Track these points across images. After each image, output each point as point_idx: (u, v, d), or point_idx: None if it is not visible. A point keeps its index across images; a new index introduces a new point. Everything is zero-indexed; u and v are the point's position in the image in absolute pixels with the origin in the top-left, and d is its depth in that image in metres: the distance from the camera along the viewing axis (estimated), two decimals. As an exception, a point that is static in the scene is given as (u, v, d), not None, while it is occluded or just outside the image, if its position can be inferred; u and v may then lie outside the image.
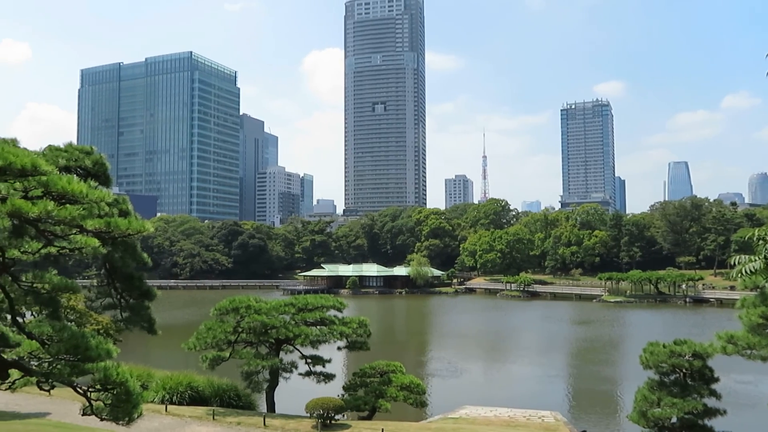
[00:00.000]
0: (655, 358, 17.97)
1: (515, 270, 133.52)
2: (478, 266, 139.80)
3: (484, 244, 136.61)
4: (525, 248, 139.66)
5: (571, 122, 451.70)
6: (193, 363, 27.09)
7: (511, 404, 26.88)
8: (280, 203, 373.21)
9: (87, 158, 19.84)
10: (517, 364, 48.50)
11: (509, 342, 61.49)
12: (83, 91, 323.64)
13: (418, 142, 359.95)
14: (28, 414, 20.90)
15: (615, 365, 47.55)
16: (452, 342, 59.53)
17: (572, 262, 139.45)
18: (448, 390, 37.26)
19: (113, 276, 21.90)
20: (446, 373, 42.59)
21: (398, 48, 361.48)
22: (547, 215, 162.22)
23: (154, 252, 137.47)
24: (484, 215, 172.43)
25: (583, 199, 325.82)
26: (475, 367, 46.38)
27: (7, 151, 8.59)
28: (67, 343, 10.12)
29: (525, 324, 76.83)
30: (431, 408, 28.88)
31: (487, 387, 39.25)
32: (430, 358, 50.58)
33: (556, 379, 42.23)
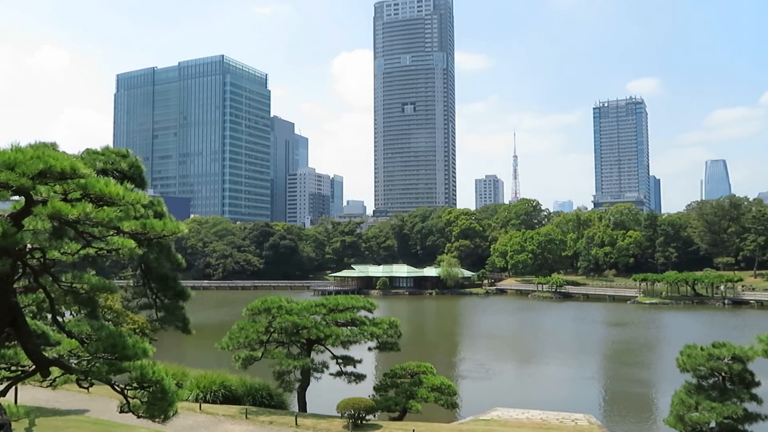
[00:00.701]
0: (693, 362, 17.55)
1: (547, 271, 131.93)
2: (509, 267, 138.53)
3: (515, 245, 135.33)
4: (557, 249, 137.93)
5: (604, 121, 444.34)
6: (226, 362, 27.47)
7: (543, 406, 26.57)
8: (311, 204, 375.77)
9: (123, 161, 20.30)
10: (550, 365, 47.90)
11: (541, 343, 60.77)
12: (119, 95, 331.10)
13: (448, 142, 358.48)
14: (68, 411, 21.44)
15: (650, 368, 46.59)
16: (483, 343, 59.13)
17: (605, 263, 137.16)
18: (479, 391, 37.00)
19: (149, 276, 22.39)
20: (477, 375, 42.31)
21: (427, 48, 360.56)
22: (580, 215, 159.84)
23: (188, 253, 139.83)
24: (515, 216, 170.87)
25: (616, 198, 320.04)
26: (507, 368, 45.97)
27: (47, 154, 8.82)
28: (105, 342, 10.36)
29: (557, 325, 75.84)
30: (462, 409, 28.70)
31: (518, 389, 38.86)
32: (461, 359, 50.31)
33: (589, 382, 41.59)
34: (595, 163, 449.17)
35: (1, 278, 9.53)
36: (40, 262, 10.23)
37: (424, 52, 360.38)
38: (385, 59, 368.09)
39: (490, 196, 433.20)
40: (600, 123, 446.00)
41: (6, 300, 9.73)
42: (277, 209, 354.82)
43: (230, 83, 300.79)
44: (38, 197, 9.11)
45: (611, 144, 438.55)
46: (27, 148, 9.17)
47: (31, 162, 8.60)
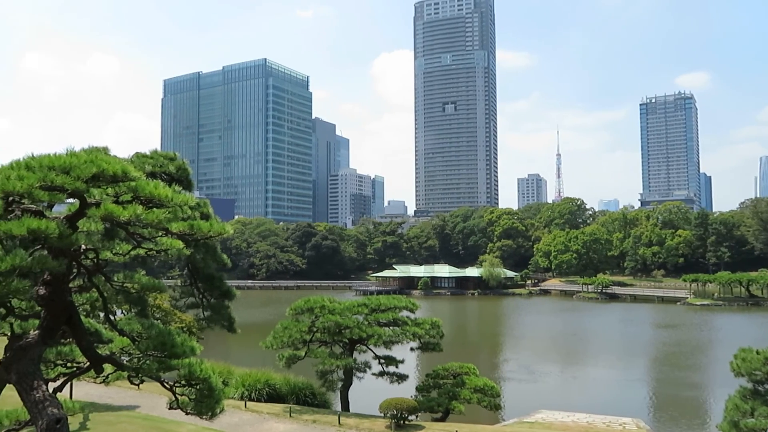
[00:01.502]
0: (748, 366, 16.89)
1: (592, 271, 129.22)
2: (553, 267, 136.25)
3: (559, 245, 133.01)
4: (602, 249, 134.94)
5: (651, 117, 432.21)
6: (270, 361, 27.88)
7: (589, 409, 26.02)
8: (352, 205, 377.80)
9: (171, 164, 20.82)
10: (596, 367, 46.90)
11: (587, 345, 59.55)
12: (166, 100, 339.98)
13: (490, 141, 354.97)
14: (119, 406, 22.13)
15: (703, 371, 45.07)
16: (527, 344, 58.32)
17: (654, 263, 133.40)
18: (523, 393, 36.51)
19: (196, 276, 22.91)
20: (521, 376, 41.75)
21: (468, 47, 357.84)
22: (626, 214, 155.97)
23: (232, 253, 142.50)
24: (559, 215, 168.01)
25: (664, 197, 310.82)
26: (551, 370, 45.18)
27: (100, 159, 9.12)
28: (154, 340, 10.64)
29: (603, 326, 74.17)
30: (506, 411, 28.39)
31: (563, 391, 38.15)
32: (504, 360, 49.75)
33: (637, 384, 40.53)
34: (642, 160, 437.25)
35: (58, 278, 9.90)
36: (94, 263, 10.59)
37: (464, 51, 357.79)
38: (425, 59, 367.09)
39: (533, 196, 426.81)
40: (647, 119, 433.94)
41: (62, 299, 10.11)
42: (319, 210, 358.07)
43: (273, 86, 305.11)
44: (91, 200, 9.43)
45: (659, 141, 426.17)
46: (81, 152, 9.51)
47: (85, 166, 8.90)
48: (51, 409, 9.26)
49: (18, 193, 8.67)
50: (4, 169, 9.05)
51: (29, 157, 9.30)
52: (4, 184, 8.49)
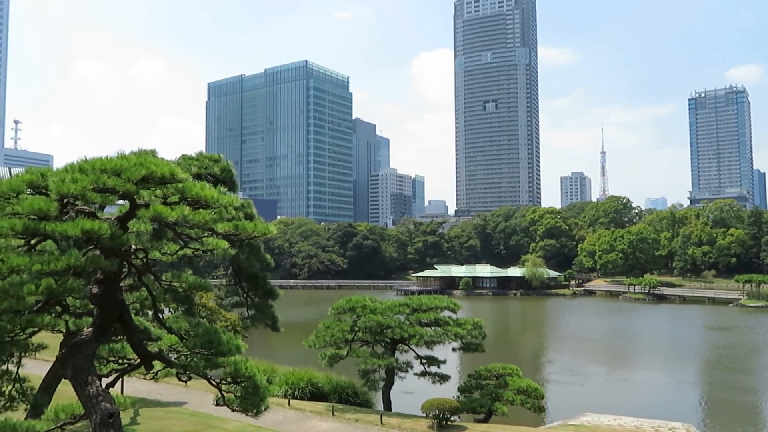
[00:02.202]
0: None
1: (639, 271, 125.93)
2: (598, 267, 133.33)
3: (604, 244, 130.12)
4: (650, 248, 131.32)
5: (700, 112, 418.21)
6: (312, 360, 28.16)
7: (637, 413, 25.36)
8: (393, 205, 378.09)
9: (215, 165, 21.26)
10: (644, 369, 45.68)
11: (634, 346, 58.08)
12: (210, 103, 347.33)
13: (532, 139, 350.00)
14: (168, 402, 22.70)
15: (757, 375, 43.40)
16: (571, 345, 57.25)
17: (704, 263, 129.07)
18: (568, 395, 35.85)
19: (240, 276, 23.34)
20: (565, 378, 41.01)
21: (509, 44, 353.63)
22: (675, 213, 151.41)
23: (275, 253, 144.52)
24: (604, 214, 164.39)
25: (715, 194, 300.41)
26: (597, 372, 44.24)
27: (148, 161, 9.38)
28: (201, 338, 10.88)
29: (651, 328, 72.19)
30: (550, 414, 27.94)
31: (610, 393, 37.31)
32: (548, 361, 48.96)
33: (688, 388, 39.32)
34: (691, 157, 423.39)
35: (110, 277, 10.23)
36: (143, 262, 10.90)
37: (505, 49, 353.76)
38: (465, 57, 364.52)
39: (577, 194, 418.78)
40: (696, 114, 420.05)
41: (114, 297, 10.44)
42: (360, 210, 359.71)
43: (313, 87, 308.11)
44: (141, 201, 9.71)
45: (709, 136, 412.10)
46: (131, 155, 9.79)
47: (135, 168, 9.17)
48: (104, 404, 9.56)
49: (72, 195, 8.98)
50: (59, 172, 9.40)
51: (82, 161, 9.63)
52: (59, 187, 8.82)
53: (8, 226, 8.81)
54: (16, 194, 9.53)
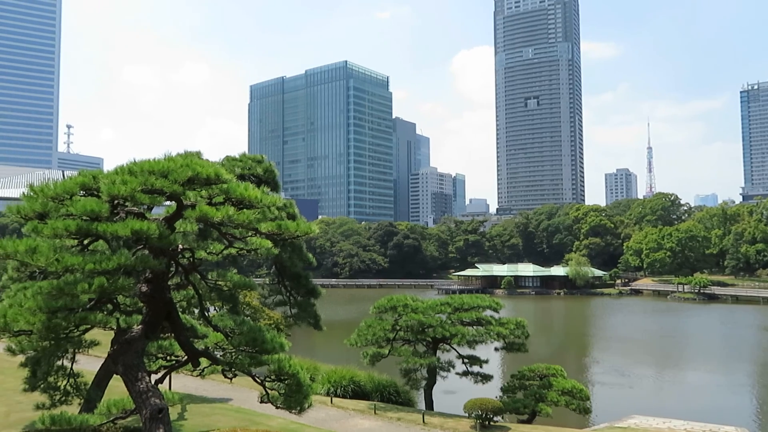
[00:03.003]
0: None
1: (688, 270, 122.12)
2: (645, 266, 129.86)
3: (652, 242, 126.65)
4: (699, 246, 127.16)
5: (753, 105, 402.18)
6: (354, 358, 28.30)
7: (687, 416, 24.59)
8: (433, 203, 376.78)
9: (258, 166, 21.61)
10: (695, 371, 44.30)
11: (684, 348, 56.35)
12: (252, 105, 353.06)
13: (575, 136, 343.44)
14: (213, 399, 23.18)
15: (816, 379, 41.54)
16: (617, 346, 55.94)
17: (758, 262, 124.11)
18: (614, 397, 35.07)
19: (283, 275, 23.67)
20: (611, 379, 40.11)
21: (551, 40, 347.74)
22: (726, 209, 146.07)
23: (317, 252, 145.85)
24: (651, 211, 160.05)
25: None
26: (645, 373, 43.08)
27: (194, 162, 9.60)
28: (246, 336, 11.08)
29: (702, 329, 69.94)
30: (595, 415, 27.36)
31: (658, 395, 36.31)
32: (593, 362, 47.99)
33: (742, 390, 37.91)
34: (744, 151, 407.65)
35: (158, 276, 10.51)
36: (190, 261, 11.16)
37: (547, 44, 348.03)
38: (506, 54, 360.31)
39: (622, 191, 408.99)
40: (749, 107, 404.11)
41: (162, 296, 10.72)
42: (400, 209, 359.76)
43: (353, 87, 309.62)
44: (187, 202, 9.95)
45: (763, 130, 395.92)
46: (177, 157, 10.04)
47: (181, 170, 9.40)
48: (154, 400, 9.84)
49: (122, 196, 9.28)
50: (109, 175, 9.71)
51: (131, 163, 9.93)
52: (110, 189, 9.11)
53: (63, 226, 9.15)
54: (70, 196, 9.89)
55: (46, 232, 9.13)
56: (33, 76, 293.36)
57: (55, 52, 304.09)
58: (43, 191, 9.77)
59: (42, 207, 9.75)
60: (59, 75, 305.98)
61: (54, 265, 9.00)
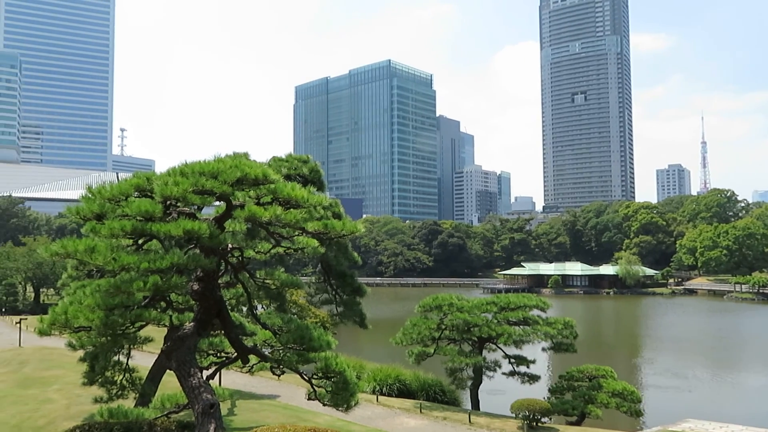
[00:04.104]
0: None
1: (746, 269, 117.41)
2: (699, 265, 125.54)
3: (706, 240, 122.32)
4: (758, 244, 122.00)
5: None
6: (399, 357, 28.36)
7: (746, 421, 23.63)
8: (478, 202, 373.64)
9: (304, 166, 21.88)
10: (755, 374, 42.55)
11: (742, 350, 54.18)
12: (297, 105, 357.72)
13: (624, 131, 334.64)
14: (262, 395, 23.62)
15: None
16: (670, 347, 54.23)
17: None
18: (668, 400, 34.02)
19: (329, 273, 23.91)
20: (664, 382, 38.92)
21: (599, 33, 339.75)
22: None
23: (361, 251, 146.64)
24: (705, 208, 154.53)
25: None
26: (700, 375, 41.63)
27: (243, 163, 9.81)
28: (294, 334, 11.25)
29: (761, 330, 67.10)
30: (648, 418, 26.62)
31: (714, 399, 35.04)
32: (645, 363, 46.66)
33: (804, 397, 36.19)
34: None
35: (209, 274, 10.78)
36: (239, 260, 11.41)
37: (595, 38, 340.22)
38: (552, 48, 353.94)
39: (674, 188, 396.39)
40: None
41: (213, 294, 10.99)
42: (445, 207, 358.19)
43: (397, 86, 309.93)
44: (236, 202, 10.17)
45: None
46: (226, 158, 10.28)
47: (231, 171, 9.62)
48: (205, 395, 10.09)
49: (174, 197, 9.55)
50: (162, 176, 10.02)
51: (183, 165, 10.21)
52: (163, 190, 9.40)
53: (119, 227, 9.49)
54: (125, 197, 10.24)
55: (104, 232, 9.49)
56: (89, 82, 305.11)
57: (109, 58, 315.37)
58: (100, 193, 10.15)
59: (99, 208, 10.13)
60: (113, 80, 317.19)
61: (111, 264, 9.34)
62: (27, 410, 19.38)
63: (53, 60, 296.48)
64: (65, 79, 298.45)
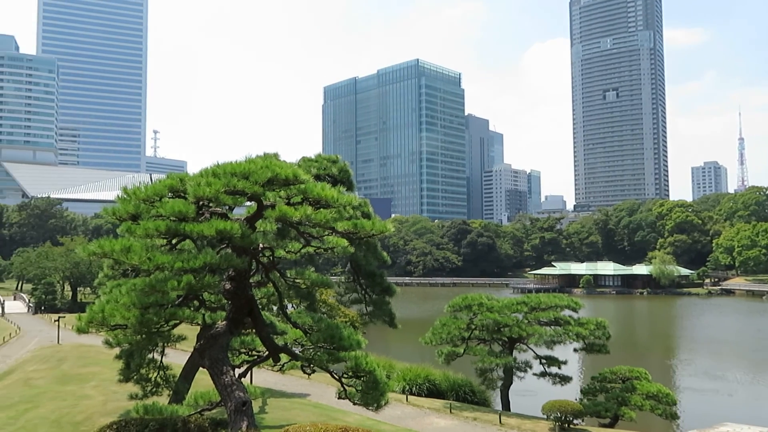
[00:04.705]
0: None
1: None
2: (737, 264, 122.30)
3: (745, 239, 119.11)
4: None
5: None
6: (428, 357, 28.29)
7: (787, 426, 22.96)
8: (507, 201, 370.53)
9: (333, 166, 21.97)
10: (794, 379, 41.28)
11: (782, 353, 52.63)
12: (326, 105, 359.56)
13: (657, 128, 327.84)
14: (292, 393, 23.82)
15: None
16: (707, 348, 52.97)
17: None
18: (704, 403, 33.26)
19: (358, 273, 23.98)
20: (701, 384, 38.04)
21: (631, 28, 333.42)
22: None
23: (390, 251, 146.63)
24: (743, 206, 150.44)
25: None
26: (738, 378, 40.57)
27: (273, 164, 9.91)
28: (324, 333, 11.32)
29: (802, 333, 65.04)
30: (683, 422, 26.07)
31: (753, 403, 34.11)
32: (680, 365, 45.67)
33: None
34: None
35: (241, 274, 10.92)
36: (269, 260, 11.53)
37: (627, 33, 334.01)
38: (582, 45, 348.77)
39: (710, 185, 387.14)
40: None
41: (245, 293, 11.13)
42: (474, 207, 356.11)
43: (425, 85, 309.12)
44: (267, 202, 10.28)
45: None
46: (257, 158, 10.39)
47: (262, 171, 9.72)
48: (238, 393, 10.23)
49: (207, 197, 9.70)
50: (195, 177, 10.18)
51: (215, 165, 10.36)
52: (196, 190, 9.55)
53: (153, 227, 9.68)
54: (159, 198, 10.44)
55: (139, 232, 9.69)
56: (123, 86, 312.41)
57: (142, 61, 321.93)
58: (135, 194, 10.37)
59: (134, 208, 10.34)
60: (146, 83, 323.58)
61: (146, 263, 9.53)
62: (66, 406, 19.91)
63: (89, 65, 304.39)
64: (100, 83, 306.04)
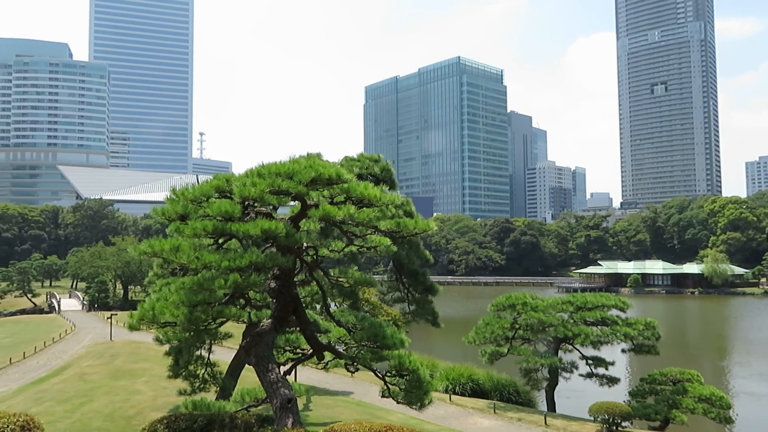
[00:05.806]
0: None
1: None
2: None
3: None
4: None
5: None
6: (471, 356, 28.08)
7: None
8: (551, 198, 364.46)
9: (376, 165, 22.05)
10: None
11: None
12: (367, 105, 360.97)
13: (709, 122, 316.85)
14: (336, 391, 24.01)
15: None
16: (763, 351, 50.94)
17: None
18: (761, 408, 32.01)
19: (401, 272, 24.00)
20: (756, 387, 36.62)
21: (680, 20, 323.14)
22: None
23: (432, 250, 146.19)
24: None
25: None
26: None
27: (317, 164, 10.01)
28: (368, 332, 11.38)
29: None
30: (738, 426, 25.12)
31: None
32: (735, 368, 44.05)
33: None
34: None
35: (286, 272, 11.08)
36: (313, 259, 11.66)
37: (676, 25, 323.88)
38: (629, 38, 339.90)
39: (766, 181, 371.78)
40: None
41: (290, 291, 11.28)
42: (517, 205, 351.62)
43: (467, 83, 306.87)
44: (311, 201, 10.39)
45: None
46: (301, 158, 10.52)
47: (305, 171, 9.84)
48: (283, 390, 10.38)
49: (252, 197, 9.87)
50: (240, 178, 10.38)
51: (259, 166, 10.54)
52: (241, 191, 9.73)
53: (201, 227, 9.91)
54: (207, 198, 10.68)
55: (187, 231, 9.94)
56: (170, 90, 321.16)
57: (188, 65, 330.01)
58: (183, 195, 10.63)
59: (183, 209, 10.61)
60: (192, 86, 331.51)
61: (194, 262, 9.77)
62: (118, 400, 20.59)
63: (138, 70, 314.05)
64: (149, 88, 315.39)
